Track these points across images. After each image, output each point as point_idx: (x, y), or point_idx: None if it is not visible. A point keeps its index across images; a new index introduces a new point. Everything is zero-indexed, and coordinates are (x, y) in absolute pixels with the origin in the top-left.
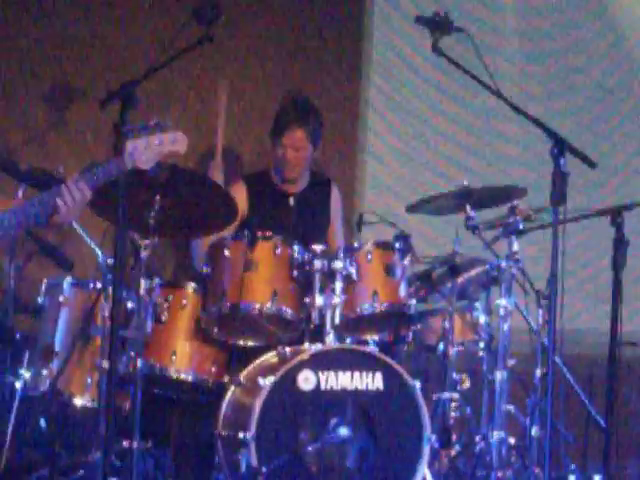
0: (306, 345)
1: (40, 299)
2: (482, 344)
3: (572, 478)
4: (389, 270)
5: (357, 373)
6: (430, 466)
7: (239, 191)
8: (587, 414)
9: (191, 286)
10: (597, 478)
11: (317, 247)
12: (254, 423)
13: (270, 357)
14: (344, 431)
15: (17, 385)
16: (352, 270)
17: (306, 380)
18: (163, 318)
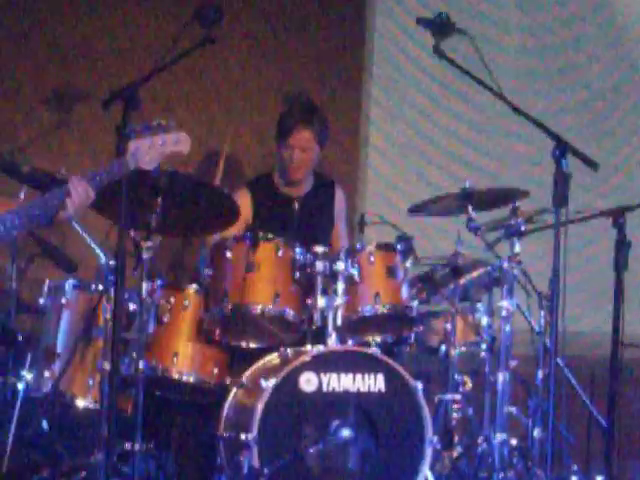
0: (308, 347)
1: (42, 300)
2: (484, 345)
3: (574, 479)
4: (391, 272)
5: (359, 375)
6: (432, 468)
7: (243, 198)
8: (589, 415)
9: (193, 287)
10: (599, 479)
11: (319, 249)
12: (256, 425)
13: (272, 359)
14: (346, 433)
15: (19, 386)
16: (354, 272)
17: (308, 382)
18: (165, 319)
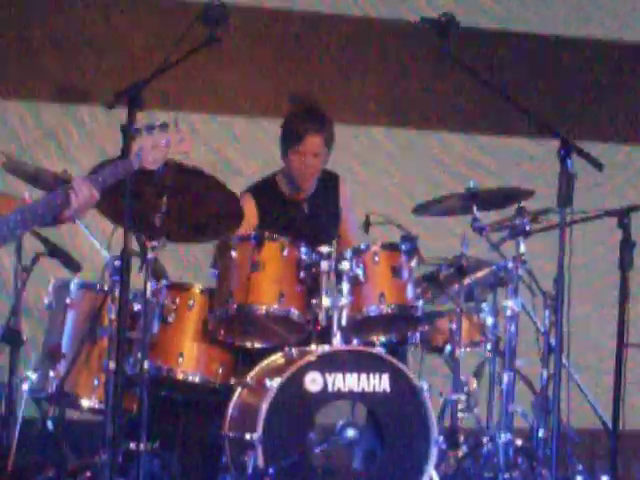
0: (313, 346)
1: (47, 300)
2: (489, 345)
3: (579, 479)
4: (396, 271)
5: (364, 375)
6: (437, 468)
7: (248, 205)
8: (594, 415)
9: (198, 287)
10: (604, 479)
11: (324, 248)
12: (261, 424)
13: (277, 358)
14: (351, 433)
15: (24, 387)
16: (359, 271)
17: (313, 381)
18: (170, 319)
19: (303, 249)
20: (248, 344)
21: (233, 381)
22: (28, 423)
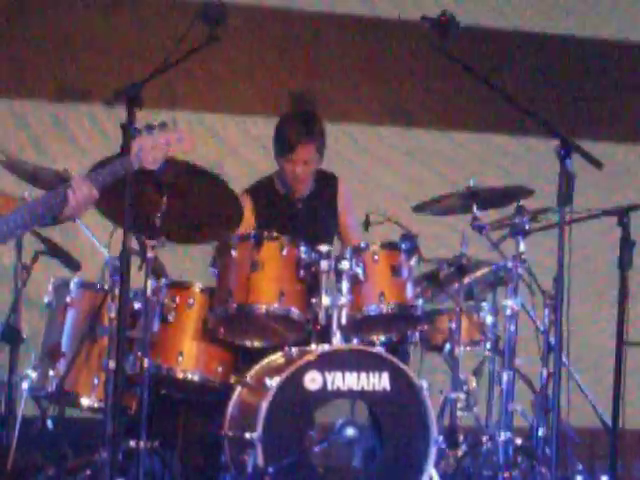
0: (313, 345)
1: (47, 299)
2: (489, 344)
3: (579, 479)
4: (396, 270)
5: (364, 373)
6: (437, 466)
7: (245, 205)
8: (594, 414)
9: (198, 286)
10: (604, 479)
11: (323, 247)
12: (260, 423)
13: (277, 357)
14: (351, 432)
15: (24, 385)
16: (359, 270)
17: (313, 380)
18: (170, 318)
19: (303, 248)
20: (248, 343)
21: (233, 380)
22: (28, 422)
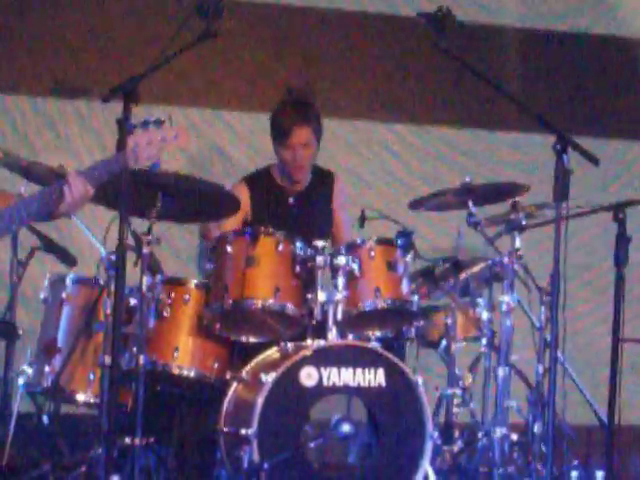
0: (308, 341)
1: (43, 295)
2: (484, 340)
3: (575, 474)
4: (391, 266)
5: (359, 369)
6: (432, 463)
7: (242, 193)
8: (590, 410)
9: (193, 282)
10: (600, 474)
11: (319, 243)
12: (256, 419)
13: (272, 353)
14: (346, 427)
15: (19, 381)
16: (354, 266)
17: (308, 376)
18: (165, 314)
19: (298, 244)
20: (243, 339)
21: (228, 376)
22: (23, 417)
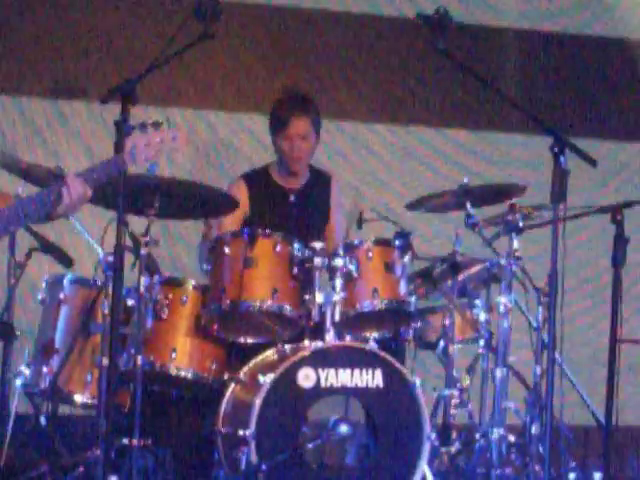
0: (306, 342)
1: (40, 296)
2: (482, 341)
3: (572, 476)
4: (389, 267)
5: (357, 370)
6: (430, 464)
7: (240, 190)
8: (587, 411)
9: (191, 283)
10: (597, 476)
11: (317, 244)
12: (254, 420)
13: (270, 354)
14: (344, 428)
15: (17, 382)
16: (352, 267)
17: (306, 377)
18: (163, 315)
19: (296, 245)
20: (241, 340)
21: (226, 377)
22: (21, 418)
